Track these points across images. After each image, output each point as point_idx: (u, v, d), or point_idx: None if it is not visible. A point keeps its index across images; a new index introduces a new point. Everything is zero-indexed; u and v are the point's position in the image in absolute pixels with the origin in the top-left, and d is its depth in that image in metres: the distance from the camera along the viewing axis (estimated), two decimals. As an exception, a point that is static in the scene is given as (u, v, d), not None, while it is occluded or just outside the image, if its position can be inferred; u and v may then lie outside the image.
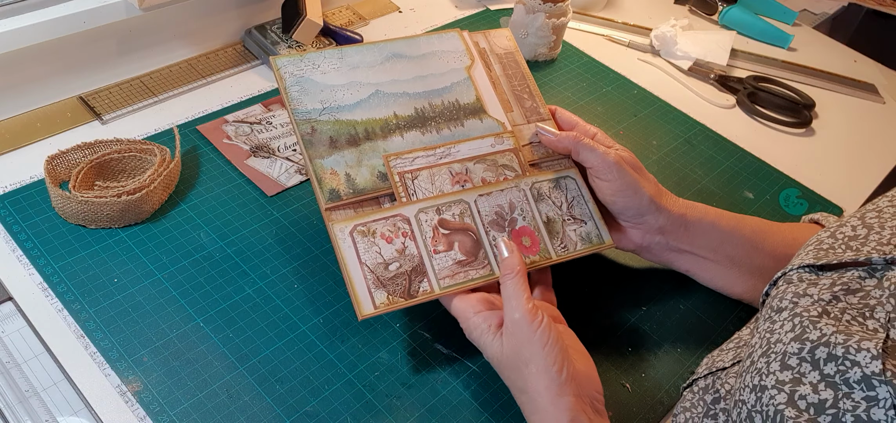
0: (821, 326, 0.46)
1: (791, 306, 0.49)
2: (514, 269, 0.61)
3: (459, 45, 0.78)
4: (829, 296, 0.48)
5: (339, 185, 0.65)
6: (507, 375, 0.59)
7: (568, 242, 0.69)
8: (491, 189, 0.69)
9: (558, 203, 0.71)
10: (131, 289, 0.67)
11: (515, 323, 0.58)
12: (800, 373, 0.45)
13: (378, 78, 0.72)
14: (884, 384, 0.41)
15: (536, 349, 0.57)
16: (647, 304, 0.75)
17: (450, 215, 0.66)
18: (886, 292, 0.46)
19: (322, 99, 0.69)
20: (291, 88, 0.69)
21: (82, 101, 0.86)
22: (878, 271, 0.47)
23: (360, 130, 0.68)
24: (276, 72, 0.70)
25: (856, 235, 0.51)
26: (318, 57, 0.71)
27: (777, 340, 0.48)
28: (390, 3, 1.15)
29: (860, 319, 0.46)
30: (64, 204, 0.71)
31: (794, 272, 0.52)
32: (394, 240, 0.64)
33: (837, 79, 1.15)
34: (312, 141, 0.67)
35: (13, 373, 0.59)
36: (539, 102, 0.79)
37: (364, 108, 0.70)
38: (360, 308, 0.60)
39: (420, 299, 0.62)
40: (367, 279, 0.61)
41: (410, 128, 0.70)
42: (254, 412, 0.60)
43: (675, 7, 1.30)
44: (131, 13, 0.85)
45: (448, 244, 0.65)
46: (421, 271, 0.63)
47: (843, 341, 0.44)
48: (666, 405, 0.66)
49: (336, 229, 0.63)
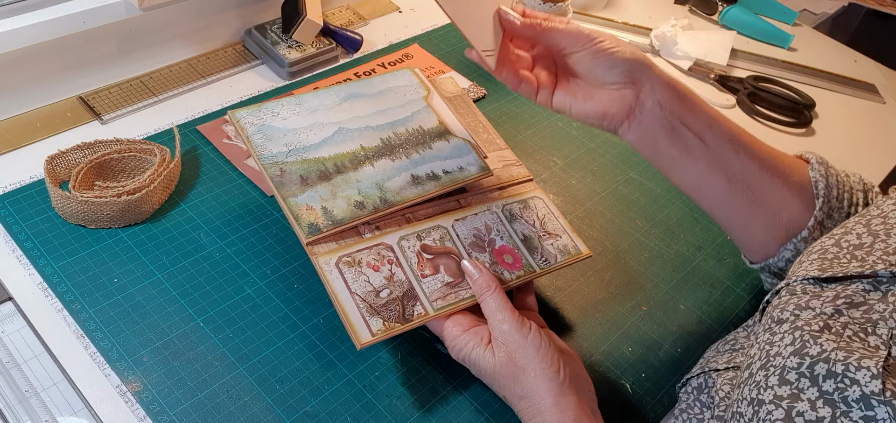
0: (821, 341, 0.45)
1: (792, 318, 0.48)
2: (489, 286, 0.62)
3: (413, 79, 0.79)
4: (831, 309, 0.47)
5: (318, 218, 0.64)
6: (502, 384, 0.59)
7: (548, 255, 0.70)
8: (465, 213, 0.70)
9: (531, 222, 0.72)
10: (131, 289, 0.67)
11: (505, 334, 0.59)
12: (798, 389, 0.44)
13: (339, 117, 0.73)
14: (882, 404, 0.41)
15: (531, 354, 0.57)
16: (647, 304, 0.75)
17: (430, 241, 0.67)
18: (890, 307, 0.45)
19: (286, 142, 0.69)
20: (254, 136, 0.69)
21: (82, 101, 0.86)
22: (884, 284, 0.47)
23: (330, 166, 0.68)
24: (235, 124, 0.70)
25: (861, 243, 0.50)
26: (275, 105, 0.72)
27: (777, 353, 0.47)
28: (390, 3, 1.15)
29: (862, 334, 0.45)
30: (64, 204, 0.71)
31: (798, 284, 0.51)
32: (381, 268, 0.64)
33: (837, 79, 1.15)
34: (283, 181, 0.66)
35: (13, 373, 0.59)
36: (494, 134, 0.81)
37: (330, 144, 0.70)
38: (357, 337, 0.59)
39: (416, 322, 0.61)
40: (359, 308, 0.61)
41: (379, 156, 0.70)
42: (254, 412, 0.60)
43: (675, 7, 1.30)
44: (131, 13, 0.85)
45: (434, 268, 0.65)
46: (412, 296, 0.63)
47: (843, 357, 0.43)
48: (666, 404, 0.66)
49: (321, 261, 0.63)
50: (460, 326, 0.62)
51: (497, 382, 0.60)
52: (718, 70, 1.11)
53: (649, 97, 0.62)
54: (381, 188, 0.68)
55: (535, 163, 0.89)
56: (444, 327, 0.62)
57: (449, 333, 0.62)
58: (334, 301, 0.61)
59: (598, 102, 0.63)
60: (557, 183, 0.87)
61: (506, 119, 0.95)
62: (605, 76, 0.62)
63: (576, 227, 0.75)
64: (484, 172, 0.72)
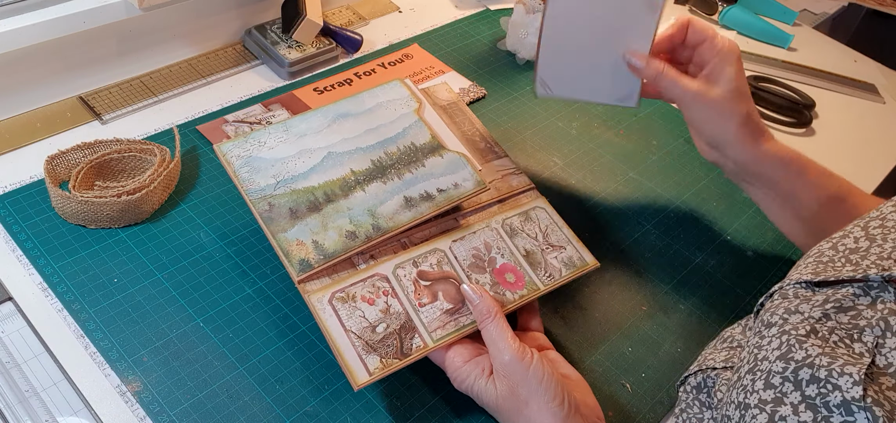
0: (807, 346, 0.45)
1: (781, 322, 0.49)
2: (490, 312, 0.60)
3: (404, 92, 0.77)
4: (819, 313, 0.47)
5: (309, 254, 0.62)
6: (507, 418, 0.58)
7: (552, 270, 0.68)
8: (463, 232, 0.68)
9: (533, 235, 0.70)
10: (131, 289, 0.67)
11: (505, 365, 0.57)
12: (782, 393, 0.45)
13: (328, 141, 0.70)
14: (862, 410, 0.41)
15: (533, 387, 0.56)
16: (647, 304, 0.75)
17: (427, 266, 0.65)
18: (878, 315, 0.45)
19: (274, 174, 0.67)
20: (240, 170, 0.67)
21: (82, 101, 0.86)
22: (874, 289, 0.47)
23: (320, 195, 0.66)
24: (222, 158, 0.68)
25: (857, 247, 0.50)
26: (262, 134, 0.70)
27: (764, 357, 0.48)
28: (390, 3, 1.15)
29: (848, 341, 0.45)
30: (64, 204, 0.71)
31: (791, 288, 0.51)
32: (376, 301, 0.62)
33: (837, 79, 1.15)
34: (272, 216, 0.64)
35: (13, 373, 0.59)
36: (492, 142, 0.79)
37: (319, 172, 0.68)
38: (353, 378, 0.57)
39: (415, 356, 0.59)
40: (355, 346, 0.58)
41: (370, 180, 0.68)
42: (254, 412, 0.60)
43: (675, 7, 1.30)
44: (131, 13, 0.85)
45: (432, 296, 0.63)
46: (410, 328, 0.61)
47: (827, 363, 0.44)
48: (666, 405, 0.66)
49: (314, 300, 0.61)
50: (462, 356, 0.60)
51: (501, 414, 0.59)
52: (718, 70, 1.11)
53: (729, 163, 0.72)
54: (373, 215, 0.66)
55: (535, 163, 0.89)
56: (446, 358, 0.61)
57: (450, 364, 0.60)
58: (329, 341, 0.59)
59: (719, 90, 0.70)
60: (557, 183, 0.87)
61: (506, 119, 0.95)
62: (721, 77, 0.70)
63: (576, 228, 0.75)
64: (480, 187, 0.70)
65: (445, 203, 0.68)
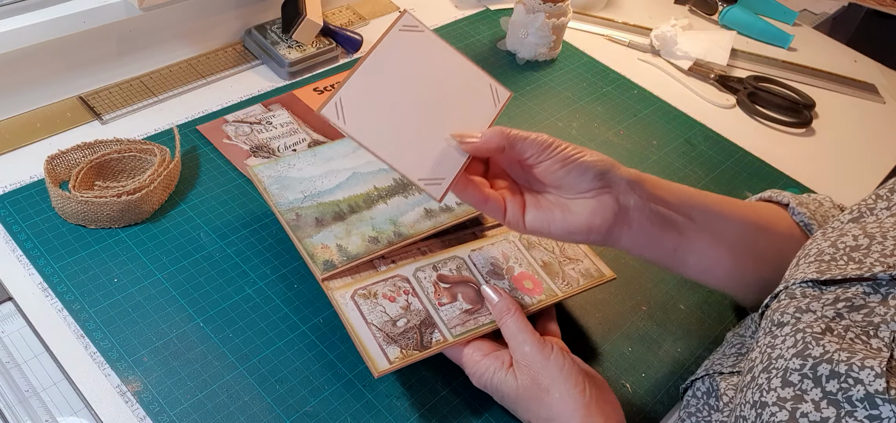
0: (824, 343, 0.45)
1: (793, 321, 0.48)
2: (509, 308, 0.61)
3: None
4: (832, 312, 0.47)
5: (332, 255, 0.65)
6: (527, 408, 0.58)
7: (570, 279, 0.69)
8: (482, 243, 0.70)
9: (550, 248, 0.71)
10: (131, 289, 0.67)
11: (526, 355, 0.58)
12: (801, 390, 0.44)
13: (353, 163, 0.75)
14: (887, 403, 0.41)
15: (555, 374, 0.57)
16: (647, 304, 0.75)
17: (446, 271, 0.67)
18: (892, 311, 0.45)
19: (302, 189, 0.72)
20: (271, 186, 0.72)
21: (82, 101, 0.86)
22: (883, 286, 0.47)
23: (344, 207, 0.70)
24: (253, 177, 0.73)
25: (857, 244, 0.50)
26: (293, 158, 0.75)
27: (778, 355, 0.47)
28: (390, 3, 1.15)
29: (864, 337, 0.45)
30: (64, 204, 0.71)
31: (797, 287, 0.51)
32: (397, 298, 0.64)
33: (837, 79, 1.15)
34: (299, 224, 0.68)
35: (13, 373, 0.59)
36: None
37: (344, 188, 0.72)
38: (374, 366, 0.58)
39: (434, 349, 0.60)
40: (376, 337, 0.60)
41: (393, 195, 0.72)
42: (254, 412, 0.60)
43: (675, 7, 1.30)
44: (131, 13, 0.85)
45: (451, 296, 0.65)
46: (430, 324, 0.62)
47: (846, 358, 0.43)
48: (666, 405, 0.66)
49: (337, 295, 0.63)
50: (480, 351, 0.61)
51: (520, 405, 0.59)
52: (718, 70, 1.11)
53: (628, 196, 0.59)
54: (394, 223, 0.69)
55: (535, 163, 0.89)
56: (464, 354, 0.61)
57: (469, 359, 0.61)
58: (350, 332, 0.60)
59: (580, 216, 0.58)
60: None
61: (506, 119, 0.95)
62: (578, 183, 0.58)
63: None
64: None
65: (464, 215, 0.71)
